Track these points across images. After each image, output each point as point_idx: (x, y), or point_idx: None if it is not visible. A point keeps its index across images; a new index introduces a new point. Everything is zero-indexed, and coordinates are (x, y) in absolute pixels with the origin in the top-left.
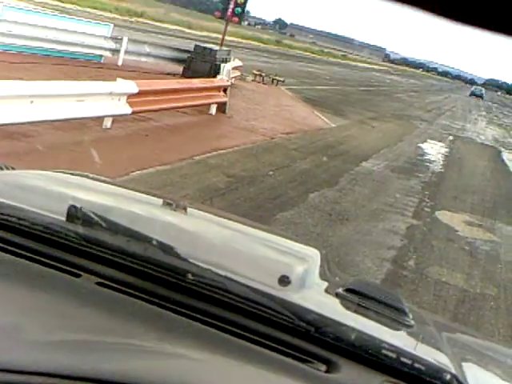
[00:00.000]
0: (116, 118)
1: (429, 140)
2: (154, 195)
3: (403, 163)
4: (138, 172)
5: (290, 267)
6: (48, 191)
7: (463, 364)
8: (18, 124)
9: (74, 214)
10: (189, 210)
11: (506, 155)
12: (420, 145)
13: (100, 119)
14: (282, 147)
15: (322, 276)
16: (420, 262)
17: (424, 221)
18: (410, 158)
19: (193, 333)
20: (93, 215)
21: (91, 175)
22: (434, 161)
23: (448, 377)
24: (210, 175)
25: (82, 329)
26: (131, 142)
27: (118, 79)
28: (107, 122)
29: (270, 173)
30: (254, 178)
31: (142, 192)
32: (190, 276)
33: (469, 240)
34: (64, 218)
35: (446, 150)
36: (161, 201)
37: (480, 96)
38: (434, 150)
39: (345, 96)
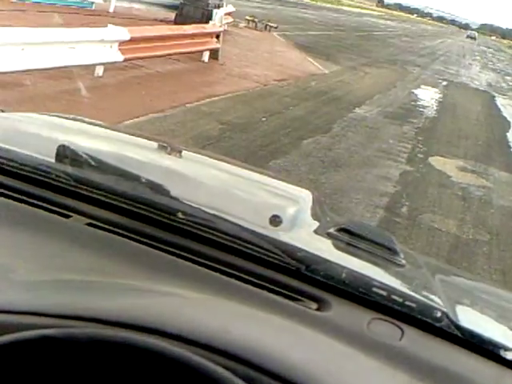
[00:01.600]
0: (108, 66)
1: (422, 86)
2: (150, 139)
3: (396, 109)
4: (131, 120)
5: (281, 207)
6: (38, 133)
7: (456, 304)
8: (8, 73)
9: (63, 153)
10: (183, 153)
11: (499, 100)
12: (413, 90)
13: (92, 67)
14: (275, 94)
15: (314, 217)
16: (413, 209)
17: (417, 167)
18: (403, 104)
19: (183, 272)
20: (82, 154)
21: (85, 119)
22: (427, 106)
23: (439, 314)
24: (202, 122)
25: (73, 269)
26: (123, 90)
27: (109, 25)
28: (99, 70)
29: (263, 119)
30: (247, 125)
31: (139, 135)
32: (180, 215)
33: (462, 186)
34: (53, 159)
35: (440, 95)
36: (155, 144)
37: (473, 38)
38: (428, 96)
39: (338, 42)
